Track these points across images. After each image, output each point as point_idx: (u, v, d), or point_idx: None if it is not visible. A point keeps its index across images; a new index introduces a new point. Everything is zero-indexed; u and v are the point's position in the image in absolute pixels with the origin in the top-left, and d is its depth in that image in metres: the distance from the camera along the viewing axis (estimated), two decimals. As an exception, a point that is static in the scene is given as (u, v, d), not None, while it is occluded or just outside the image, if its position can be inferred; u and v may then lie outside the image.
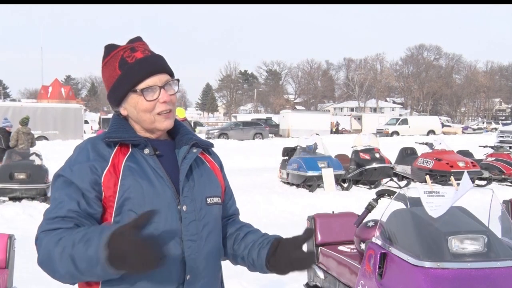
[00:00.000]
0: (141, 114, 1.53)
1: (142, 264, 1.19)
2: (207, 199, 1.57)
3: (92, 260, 1.24)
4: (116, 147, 1.51)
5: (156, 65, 1.54)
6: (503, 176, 12.88)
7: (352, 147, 12.99)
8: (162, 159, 1.54)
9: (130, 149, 1.52)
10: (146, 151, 1.51)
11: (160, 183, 1.48)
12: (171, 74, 1.57)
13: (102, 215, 1.47)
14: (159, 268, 1.22)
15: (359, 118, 51.21)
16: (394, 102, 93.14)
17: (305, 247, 1.52)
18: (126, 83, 1.51)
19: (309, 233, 1.52)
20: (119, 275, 1.28)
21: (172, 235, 1.46)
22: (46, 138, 26.76)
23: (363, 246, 3.34)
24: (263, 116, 54.85)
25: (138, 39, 1.60)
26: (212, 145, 1.71)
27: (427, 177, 3.17)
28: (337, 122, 48.83)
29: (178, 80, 1.58)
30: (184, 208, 1.49)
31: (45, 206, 8.90)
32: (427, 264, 2.56)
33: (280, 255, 1.52)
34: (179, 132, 1.64)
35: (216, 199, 1.60)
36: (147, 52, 1.55)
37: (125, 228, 1.22)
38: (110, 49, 1.57)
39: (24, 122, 12.17)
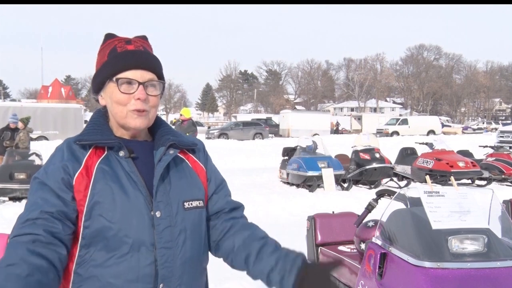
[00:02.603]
0: (114, 105, 1.48)
1: None
2: (185, 203, 1.49)
3: None
4: (91, 149, 1.46)
5: (143, 60, 1.48)
6: (503, 176, 12.86)
7: (352, 147, 12.98)
8: (138, 161, 1.48)
9: (106, 151, 1.46)
10: (121, 153, 1.46)
11: (133, 187, 1.42)
12: (159, 76, 1.51)
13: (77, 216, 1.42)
14: None
15: (359, 118, 51.21)
16: (394, 102, 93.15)
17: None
18: (107, 70, 1.47)
19: (336, 263, 1.46)
20: None
21: (144, 243, 1.40)
22: (46, 138, 26.75)
23: (363, 246, 3.34)
24: (263, 116, 54.87)
25: (141, 37, 1.57)
26: (195, 144, 1.61)
27: (427, 177, 3.17)
28: (337, 122, 48.80)
29: (163, 83, 1.53)
30: (158, 214, 1.43)
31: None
32: (427, 264, 2.56)
33: (310, 283, 1.40)
34: (158, 132, 1.57)
35: (196, 203, 1.52)
36: (141, 48, 1.51)
37: None
38: (108, 37, 1.54)
39: (29, 121, 12.22)
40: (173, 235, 1.44)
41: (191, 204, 1.50)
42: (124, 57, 1.47)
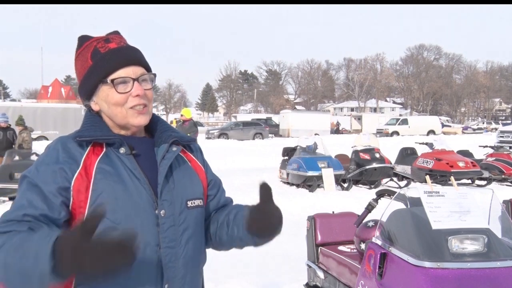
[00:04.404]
0: (112, 108, 1.43)
1: (103, 270, 1.06)
2: (188, 202, 1.47)
3: (28, 274, 1.10)
4: (89, 147, 1.40)
5: (130, 56, 1.45)
6: (503, 176, 12.85)
7: (352, 147, 12.98)
8: (140, 158, 1.44)
9: (104, 149, 1.41)
10: (122, 150, 1.41)
11: (136, 186, 1.38)
12: (147, 68, 1.49)
13: (69, 220, 1.35)
14: (126, 269, 1.09)
15: (359, 118, 51.20)
16: (394, 102, 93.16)
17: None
18: (97, 74, 1.42)
19: (265, 188, 1.49)
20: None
21: (148, 242, 1.37)
22: (46, 138, 26.70)
23: (363, 246, 3.34)
24: (263, 116, 54.88)
25: (114, 33, 1.53)
26: (194, 140, 1.61)
27: (427, 177, 3.16)
28: (337, 122, 48.80)
29: (154, 75, 1.50)
30: (162, 213, 1.40)
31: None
32: (427, 264, 2.56)
33: (256, 214, 1.47)
34: (157, 128, 1.54)
35: (198, 202, 1.51)
36: (122, 44, 1.48)
37: (74, 232, 1.07)
38: (83, 40, 1.49)
39: (23, 120, 12.17)
40: (176, 234, 1.42)
41: (194, 202, 1.49)
42: (111, 56, 1.43)
